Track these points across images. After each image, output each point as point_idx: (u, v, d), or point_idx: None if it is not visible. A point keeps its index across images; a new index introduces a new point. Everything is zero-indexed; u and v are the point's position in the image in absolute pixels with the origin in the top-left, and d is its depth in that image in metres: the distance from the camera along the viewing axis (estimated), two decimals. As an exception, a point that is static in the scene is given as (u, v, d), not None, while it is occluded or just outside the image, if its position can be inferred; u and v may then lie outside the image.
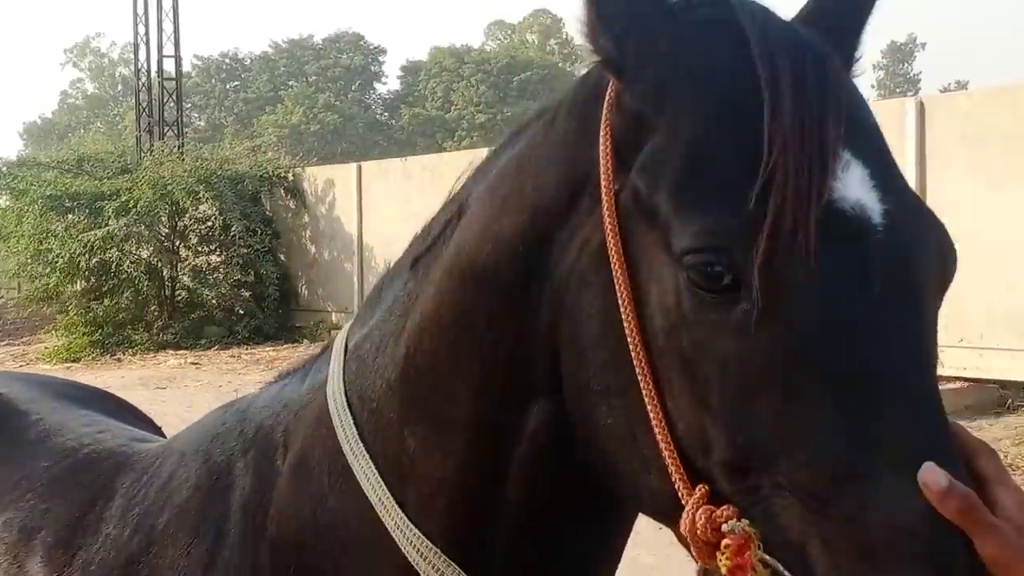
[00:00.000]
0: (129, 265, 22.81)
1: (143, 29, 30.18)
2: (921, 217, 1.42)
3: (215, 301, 23.43)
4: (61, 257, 22.76)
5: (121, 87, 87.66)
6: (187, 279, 23.80)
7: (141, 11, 30.10)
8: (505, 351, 1.62)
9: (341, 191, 23.12)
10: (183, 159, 24.27)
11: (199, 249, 23.93)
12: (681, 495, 1.35)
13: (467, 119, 76.86)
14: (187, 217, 23.35)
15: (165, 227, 23.42)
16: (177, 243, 23.80)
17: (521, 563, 1.68)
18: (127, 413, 3.12)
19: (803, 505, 1.26)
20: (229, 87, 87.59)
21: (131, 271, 22.89)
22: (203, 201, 22.84)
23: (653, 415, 1.38)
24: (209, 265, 23.80)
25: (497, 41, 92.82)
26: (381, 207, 21.67)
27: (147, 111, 30.30)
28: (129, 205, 22.26)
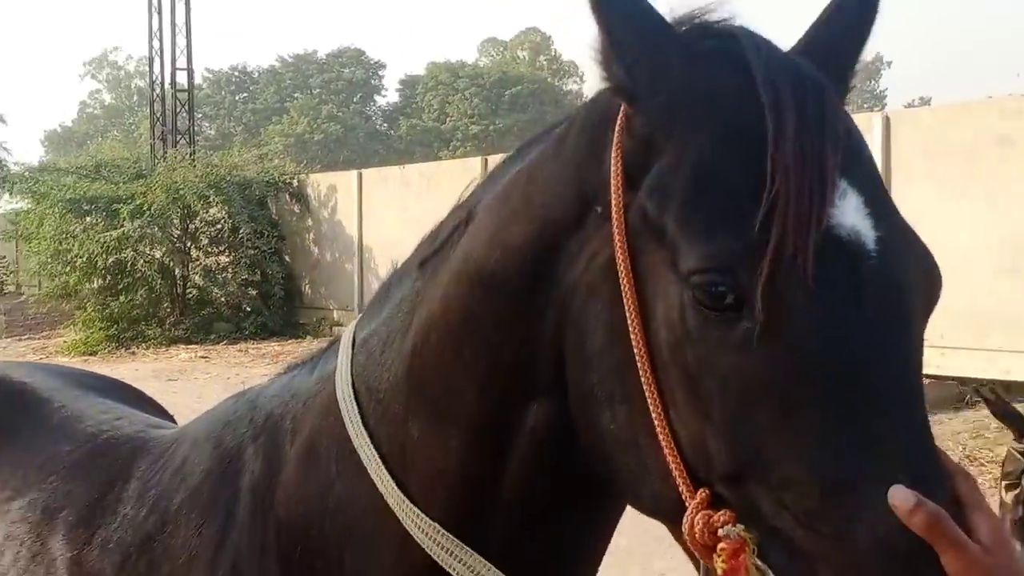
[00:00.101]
0: (143, 264, 22.81)
1: (158, 44, 30.15)
2: (911, 244, 1.41)
3: (224, 299, 23.43)
4: (79, 257, 22.65)
5: (137, 98, 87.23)
6: (198, 278, 23.77)
7: (156, 27, 30.07)
8: (510, 352, 1.61)
9: (343, 196, 23.04)
10: (194, 165, 24.20)
11: (209, 250, 23.87)
12: (684, 499, 1.34)
13: (461, 130, 76.64)
14: (198, 220, 23.30)
15: (177, 229, 23.35)
16: (188, 244, 23.73)
17: (518, 548, 1.67)
18: (142, 402, 3.11)
19: (795, 515, 1.26)
20: (238, 98, 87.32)
21: (145, 270, 22.90)
22: (213, 205, 22.80)
23: (658, 424, 1.37)
24: (218, 265, 23.75)
25: (490, 57, 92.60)
26: (380, 212, 21.60)
27: (161, 120, 30.24)
28: (143, 208, 22.19)
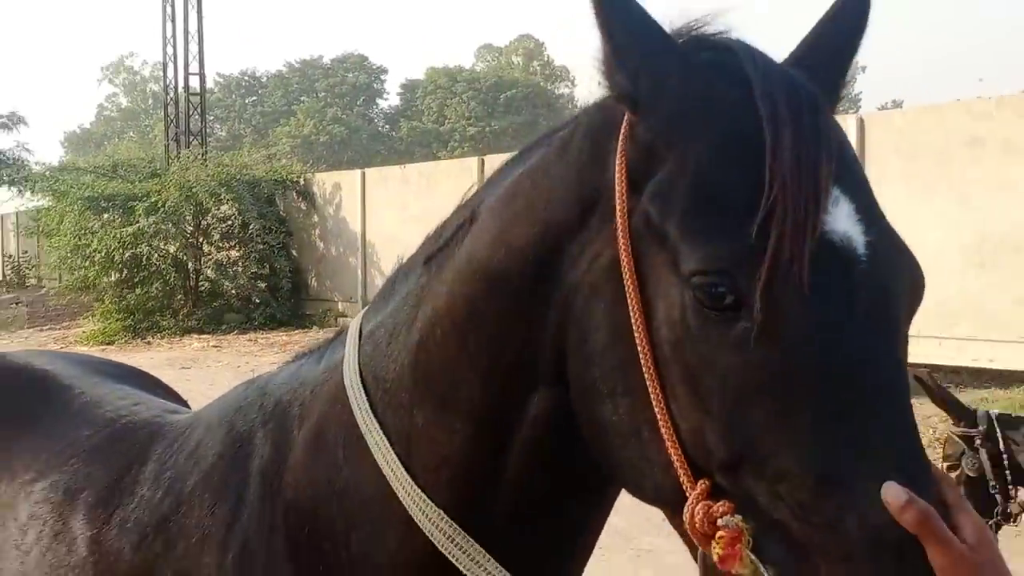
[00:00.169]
0: (158, 259, 22.76)
1: (171, 50, 30.09)
2: (898, 249, 1.40)
3: (234, 291, 23.39)
4: (98, 252, 22.62)
5: (151, 101, 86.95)
6: (209, 271, 23.71)
7: (170, 34, 30.02)
8: (512, 346, 1.59)
9: (347, 194, 23.00)
10: (206, 165, 24.14)
11: (220, 245, 23.83)
12: (685, 488, 1.33)
13: (459, 131, 76.54)
14: (210, 216, 23.22)
15: (190, 225, 23.29)
16: (201, 239, 23.68)
17: (519, 533, 1.65)
18: (158, 389, 3.09)
19: (790, 506, 1.25)
20: (247, 101, 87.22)
21: (160, 264, 22.87)
22: (224, 202, 22.78)
23: (660, 417, 1.36)
24: (229, 259, 23.71)
25: (486, 62, 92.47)
26: (382, 209, 21.57)
27: (174, 122, 30.16)
28: (158, 205, 22.13)
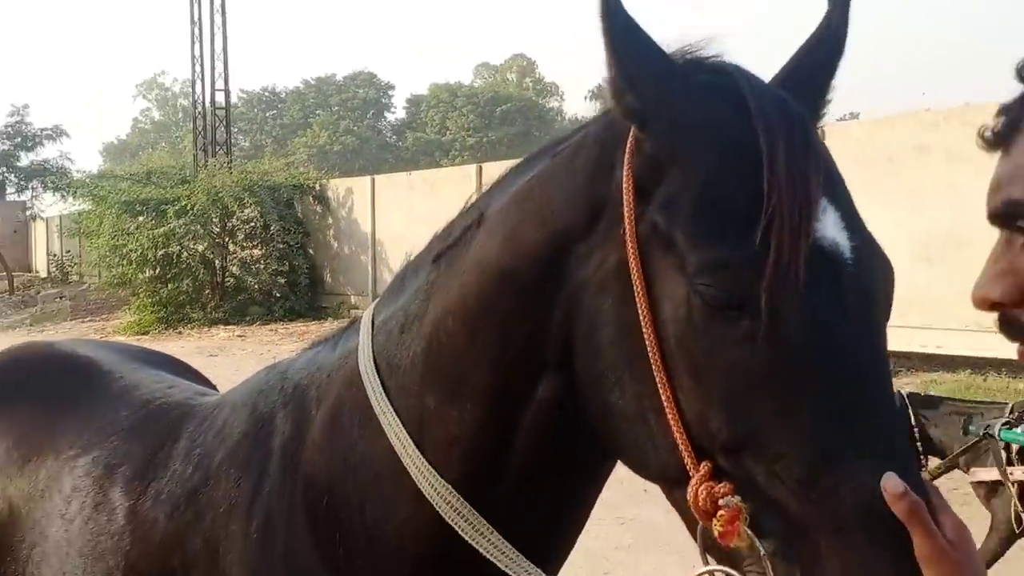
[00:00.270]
0: (187, 257, 22.76)
1: (199, 68, 30.02)
2: (875, 253, 1.41)
3: (257, 286, 23.35)
4: (133, 251, 22.61)
5: (181, 115, 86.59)
6: (234, 268, 23.66)
7: (197, 54, 29.96)
8: (520, 337, 1.57)
9: (358, 198, 23.01)
10: (231, 172, 24.13)
11: (244, 244, 23.77)
12: (689, 470, 1.33)
13: (459, 141, 76.36)
14: (234, 219, 23.15)
15: (216, 227, 23.23)
16: (226, 239, 23.63)
17: (524, 506, 1.64)
18: (189, 373, 3.09)
19: (788, 485, 1.26)
20: (268, 115, 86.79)
21: (189, 262, 22.86)
22: (247, 206, 22.72)
23: (667, 405, 1.35)
24: (252, 257, 23.67)
25: (483, 79, 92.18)
26: (390, 211, 21.58)
27: (202, 134, 30.10)
28: (188, 209, 22.14)
